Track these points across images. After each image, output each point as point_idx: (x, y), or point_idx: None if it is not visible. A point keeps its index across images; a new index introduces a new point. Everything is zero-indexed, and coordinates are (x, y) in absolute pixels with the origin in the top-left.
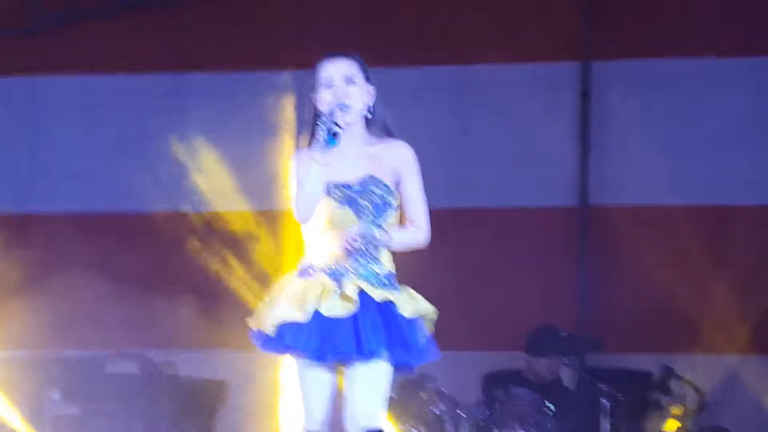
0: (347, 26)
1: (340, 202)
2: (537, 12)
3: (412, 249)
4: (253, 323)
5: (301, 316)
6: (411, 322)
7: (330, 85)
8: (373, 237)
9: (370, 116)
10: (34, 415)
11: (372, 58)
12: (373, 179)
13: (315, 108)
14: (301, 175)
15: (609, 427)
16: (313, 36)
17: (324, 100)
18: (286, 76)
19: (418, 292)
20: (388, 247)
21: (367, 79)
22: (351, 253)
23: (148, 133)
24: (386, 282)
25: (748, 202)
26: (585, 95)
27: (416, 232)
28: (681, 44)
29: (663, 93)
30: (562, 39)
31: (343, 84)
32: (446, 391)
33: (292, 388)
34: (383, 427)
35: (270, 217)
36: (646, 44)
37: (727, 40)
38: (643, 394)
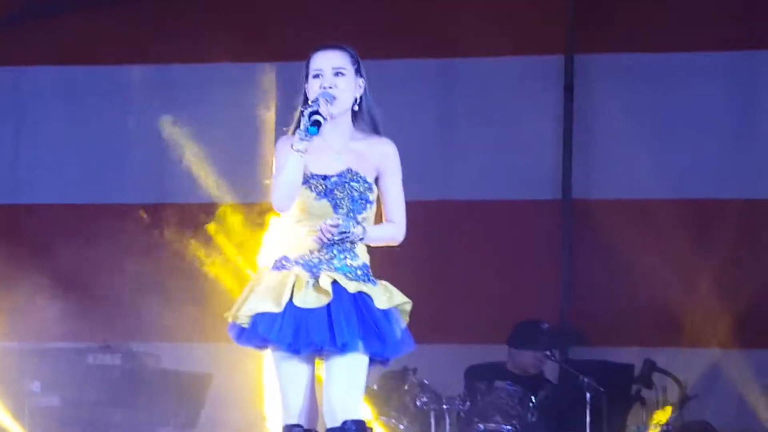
0: (333, 18)
1: (317, 193)
2: (521, 5)
3: (388, 245)
4: (229, 316)
5: (274, 307)
6: (386, 314)
7: (319, 75)
8: (349, 230)
9: (356, 109)
10: (14, 406)
11: (356, 50)
12: (352, 173)
13: (304, 97)
14: (281, 162)
15: (591, 419)
16: (299, 28)
17: (313, 89)
18: (272, 68)
19: (401, 284)
20: (362, 242)
21: (358, 71)
22: (325, 243)
23: (132, 123)
24: (360, 274)
25: (731, 196)
26: (568, 89)
27: (393, 229)
28: (664, 38)
29: (646, 87)
30: (545, 32)
31: (331, 75)
32: (429, 383)
33: (273, 381)
34: (362, 418)
35: (255, 209)
36: (630, 38)
37: (710, 34)
38: (625, 387)
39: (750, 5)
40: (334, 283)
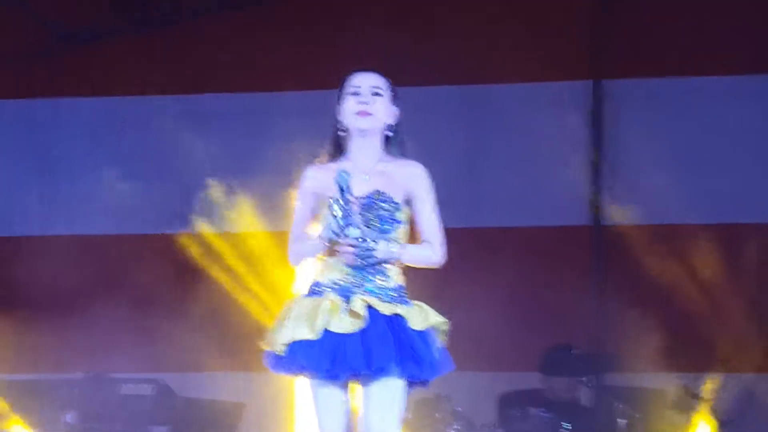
0: (361, 47)
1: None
2: (547, 31)
3: (426, 266)
4: (264, 345)
5: (310, 334)
6: (422, 335)
7: (356, 93)
8: (369, 247)
9: (390, 134)
10: None
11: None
12: (379, 193)
13: (336, 120)
14: (306, 197)
15: None
16: (329, 56)
17: (348, 107)
18: (305, 97)
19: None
20: (400, 259)
21: (393, 98)
22: (355, 265)
23: (165, 153)
24: (395, 296)
25: (762, 220)
26: (596, 114)
27: (429, 250)
28: (691, 62)
29: (674, 111)
30: (572, 58)
31: (369, 93)
32: (462, 411)
33: (307, 408)
34: None
35: (285, 237)
36: (656, 62)
37: (737, 58)
38: (660, 413)
39: None
40: (368, 306)
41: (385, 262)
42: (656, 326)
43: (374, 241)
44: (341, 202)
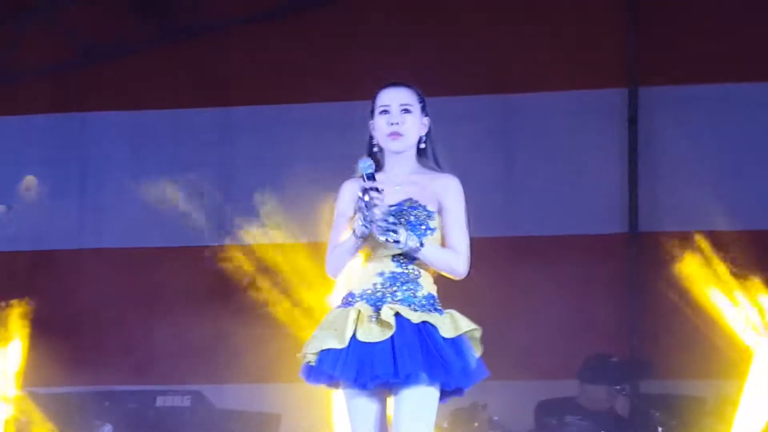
0: (394, 58)
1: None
2: (583, 39)
3: (448, 273)
4: (300, 356)
5: (338, 343)
6: (453, 342)
7: (386, 111)
8: (398, 228)
9: (423, 146)
10: None
11: (419, 88)
12: (412, 201)
13: (370, 136)
14: (342, 208)
15: None
16: (361, 67)
17: (379, 126)
18: (333, 108)
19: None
20: (417, 253)
21: (423, 110)
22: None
23: (195, 166)
24: (425, 304)
25: None
26: (632, 121)
27: (452, 256)
28: (728, 69)
29: (710, 117)
30: (608, 66)
31: (398, 111)
32: (498, 420)
33: (343, 420)
34: None
35: (320, 248)
36: (692, 69)
37: None
38: (697, 421)
39: None
40: (397, 315)
41: (409, 252)
42: (693, 332)
43: (399, 224)
44: (366, 188)
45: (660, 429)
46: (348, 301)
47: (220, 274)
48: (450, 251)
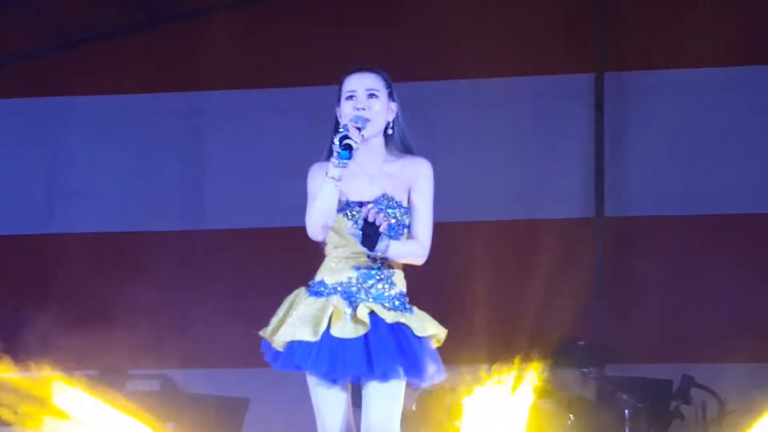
0: (362, 43)
1: (354, 221)
2: (550, 25)
3: (409, 262)
4: (264, 334)
5: (311, 336)
6: (421, 342)
7: (353, 97)
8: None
9: (390, 132)
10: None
11: (387, 73)
12: (387, 198)
13: (336, 121)
14: (315, 189)
15: None
16: (328, 53)
17: (345, 112)
18: (302, 93)
19: (434, 306)
20: (383, 254)
21: (390, 95)
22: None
23: (164, 152)
24: (398, 304)
25: (764, 211)
26: (599, 107)
27: (415, 246)
28: (694, 55)
29: (676, 103)
30: (574, 51)
31: (365, 96)
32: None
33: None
34: None
35: (287, 234)
36: (659, 55)
37: (740, 50)
38: (664, 404)
39: None
40: (372, 313)
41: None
42: (660, 316)
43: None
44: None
45: (627, 412)
46: (320, 290)
47: (188, 259)
48: (412, 243)
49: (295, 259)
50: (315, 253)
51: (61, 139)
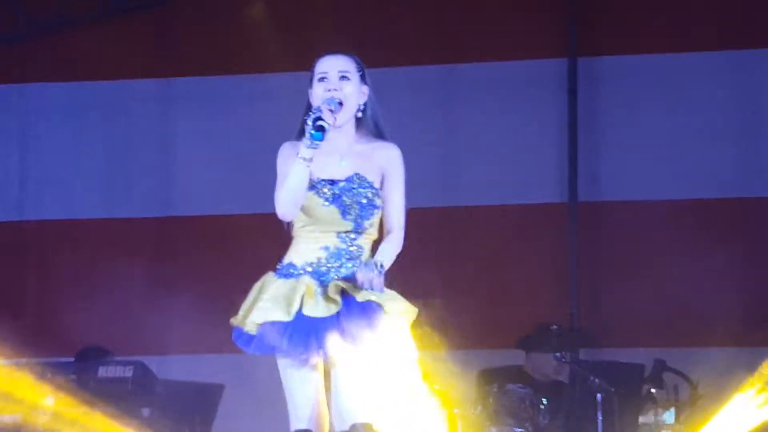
0: (334, 28)
1: (325, 199)
2: (523, 10)
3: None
4: (235, 321)
5: (285, 316)
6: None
7: (324, 79)
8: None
9: (360, 115)
10: (28, 419)
11: (360, 58)
12: (360, 177)
13: (308, 103)
14: (285, 168)
15: (602, 419)
16: (302, 38)
17: (317, 93)
18: (275, 79)
19: (409, 291)
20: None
21: (362, 78)
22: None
23: (137, 138)
24: None
25: (738, 195)
26: (572, 92)
27: (395, 242)
28: (668, 39)
29: (650, 88)
30: (548, 36)
31: (337, 78)
32: (439, 389)
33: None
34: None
35: (262, 219)
36: (633, 40)
37: (713, 35)
38: (636, 387)
39: (752, 4)
40: (342, 291)
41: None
42: (633, 301)
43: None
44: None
45: (599, 396)
46: (289, 272)
47: (161, 246)
48: (390, 242)
49: (269, 245)
50: (289, 240)
51: (33, 126)
